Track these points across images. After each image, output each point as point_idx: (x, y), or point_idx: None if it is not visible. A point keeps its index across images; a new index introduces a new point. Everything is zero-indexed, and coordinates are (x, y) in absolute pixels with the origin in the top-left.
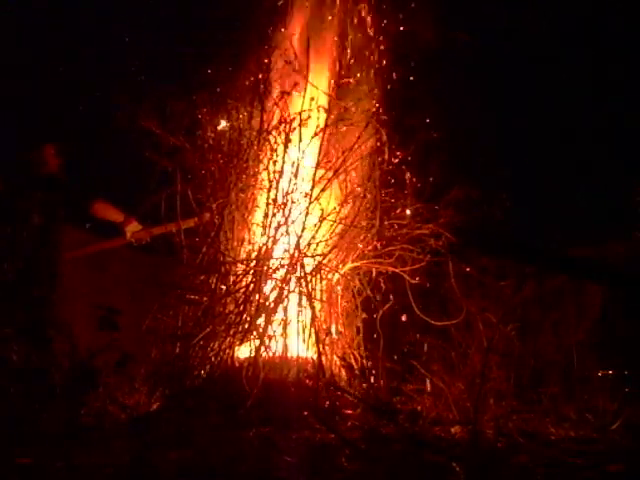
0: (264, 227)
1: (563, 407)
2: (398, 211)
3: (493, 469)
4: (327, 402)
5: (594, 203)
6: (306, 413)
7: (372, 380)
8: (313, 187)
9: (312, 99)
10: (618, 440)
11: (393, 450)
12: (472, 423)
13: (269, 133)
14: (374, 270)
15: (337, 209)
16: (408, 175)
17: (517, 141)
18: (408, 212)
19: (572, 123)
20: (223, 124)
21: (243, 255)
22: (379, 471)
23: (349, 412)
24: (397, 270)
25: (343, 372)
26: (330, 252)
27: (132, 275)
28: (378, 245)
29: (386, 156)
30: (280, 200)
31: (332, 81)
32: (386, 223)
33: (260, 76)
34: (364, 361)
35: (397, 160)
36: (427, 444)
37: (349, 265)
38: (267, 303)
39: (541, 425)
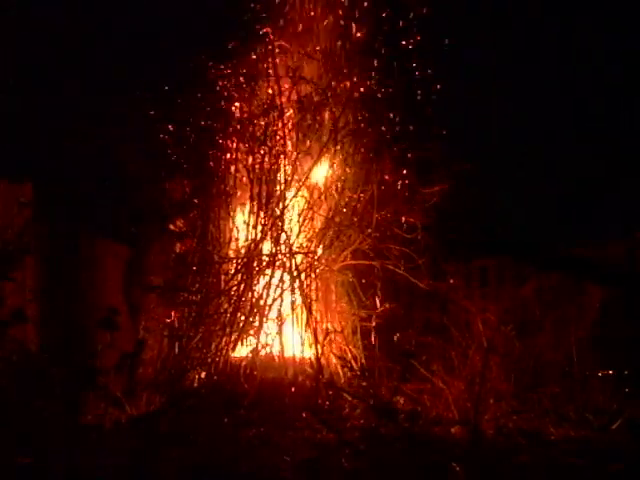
0: (254, 225)
1: (563, 407)
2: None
3: (493, 469)
4: (327, 402)
5: (594, 203)
6: (305, 413)
7: (372, 380)
8: (302, 184)
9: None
10: (618, 440)
11: (393, 450)
12: (472, 423)
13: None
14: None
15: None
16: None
17: (517, 142)
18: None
19: (572, 123)
20: None
21: (232, 254)
22: (379, 471)
23: (349, 412)
24: (400, 270)
25: (342, 372)
26: (325, 250)
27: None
28: (373, 244)
29: None
30: (266, 196)
31: None
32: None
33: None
34: (363, 361)
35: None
36: (427, 444)
37: (344, 263)
38: (261, 302)
39: (541, 425)
